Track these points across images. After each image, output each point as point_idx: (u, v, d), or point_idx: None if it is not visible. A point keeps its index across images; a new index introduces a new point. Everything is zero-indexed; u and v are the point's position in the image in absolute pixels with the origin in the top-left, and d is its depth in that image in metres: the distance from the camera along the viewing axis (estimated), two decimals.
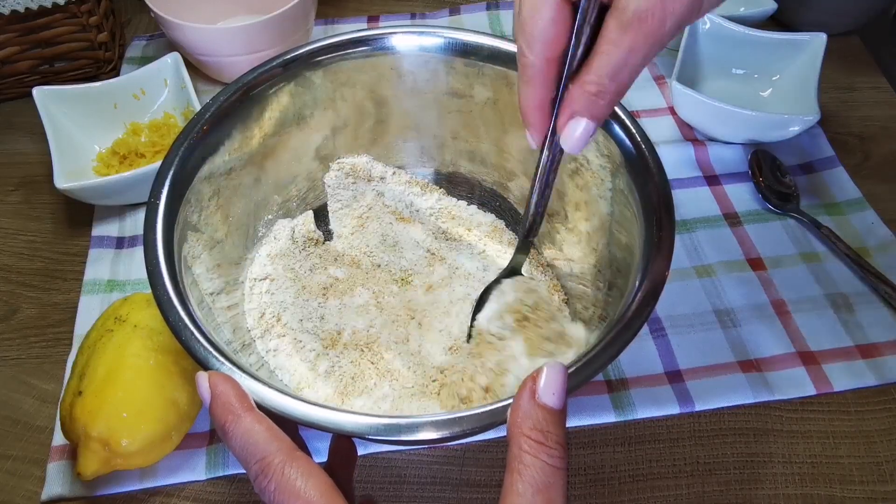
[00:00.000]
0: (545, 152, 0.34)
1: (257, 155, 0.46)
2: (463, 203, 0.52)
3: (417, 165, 0.53)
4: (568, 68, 0.29)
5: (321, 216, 0.51)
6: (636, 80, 0.29)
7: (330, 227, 0.51)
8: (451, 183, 0.53)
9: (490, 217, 0.52)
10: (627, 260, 0.39)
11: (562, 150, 0.33)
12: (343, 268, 0.47)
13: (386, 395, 0.40)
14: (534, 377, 0.27)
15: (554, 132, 0.32)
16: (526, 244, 0.42)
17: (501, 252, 0.49)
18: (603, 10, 0.28)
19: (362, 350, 0.42)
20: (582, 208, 0.46)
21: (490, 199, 0.52)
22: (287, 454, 0.27)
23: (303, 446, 0.33)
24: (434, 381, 0.41)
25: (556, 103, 0.31)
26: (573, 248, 0.47)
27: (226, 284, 0.42)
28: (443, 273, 0.47)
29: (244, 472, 0.29)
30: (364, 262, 0.48)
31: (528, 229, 0.39)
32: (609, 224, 0.43)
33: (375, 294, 0.46)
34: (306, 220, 0.50)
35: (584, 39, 0.28)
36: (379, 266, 0.48)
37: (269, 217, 0.48)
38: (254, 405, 0.30)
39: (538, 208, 0.37)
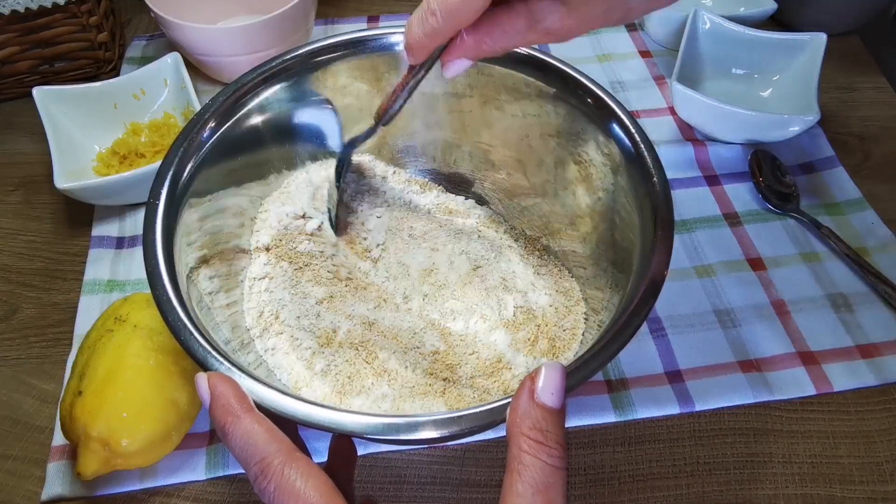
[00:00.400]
0: (419, 69, 0.38)
1: (257, 155, 0.46)
2: (461, 198, 0.52)
3: (418, 165, 0.53)
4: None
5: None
6: (635, 79, 0.30)
7: (331, 224, 0.51)
8: (452, 182, 0.53)
9: (489, 211, 0.52)
10: (627, 260, 0.39)
11: (428, 70, 0.37)
12: (342, 266, 0.47)
13: (385, 395, 0.40)
14: (532, 377, 0.27)
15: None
16: (373, 129, 0.42)
17: (498, 238, 0.50)
18: None
19: (357, 349, 0.42)
20: (582, 208, 0.46)
21: (488, 200, 0.52)
22: (287, 455, 0.27)
23: (302, 447, 0.33)
24: (433, 375, 0.41)
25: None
26: (573, 248, 0.47)
27: (224, 283, 0.42)
28: (441, 260, 0.47)
29: (244, 472, 0.29)
30: (362, 259, 0.48)
31: (385, 119, 0.40)
32: (609, 224, 0.43)
33: (372, 289, 0.46)
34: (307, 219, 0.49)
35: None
36: (376, 262, 0.48)
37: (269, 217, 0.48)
38: (253, 406, 0.30)
39: (398, 107, 0.40)
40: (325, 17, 0.77)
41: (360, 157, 0.51)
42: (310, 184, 0.49)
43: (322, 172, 0.50)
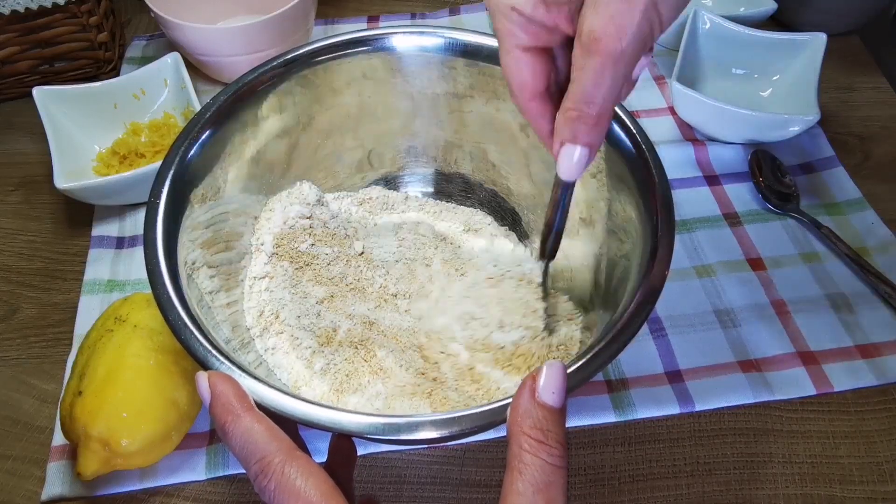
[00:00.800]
0: (556, 179, 0.34)
1: (257, 155, 0.46)
2: (462, 207, 0.52)
3: (418, 166, 0.53)
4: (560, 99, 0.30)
5: None
6: (636, 86, 0.29)
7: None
8: (452, 184, 0.53)
9: (489, 218, 0.52)
10: (627, 260, 0.39)
11: (566, 187, 0.34)
12: (340, 264, 0.47)
13: (378, 393, 0.40)
14: (533, 376, 0.27)
15: None
16: (544, 267, 0.42)
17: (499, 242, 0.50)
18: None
19: (356, 348, 0.42)
20: (582, 208, 0.46)
21: (490, 200, 0.52)
22: (287, 454, 0.28)
23: (303, 446, 0.33)
24: (424, 375, 0.41)
25: None
26: (573, 247, 0.47)
27: (225, 283, 0.42)
28: (438, 267, 0.47)
29: (244, 472, 0.29)
30: (361, 257, 0.48)
31: (548, 253, 0.39)
32: (609, 224, 0.43)
33: (370, 285, 0.46)
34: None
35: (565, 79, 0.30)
36: (375, 259, 0.48)
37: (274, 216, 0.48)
38: (253, 405, 0.30)
39: (557, 231, 0.38)
40: (325, 17, 0.77)
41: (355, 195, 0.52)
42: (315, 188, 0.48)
43: (322, 172, 0.50)
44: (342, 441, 0.37)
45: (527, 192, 0.50)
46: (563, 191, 0.35)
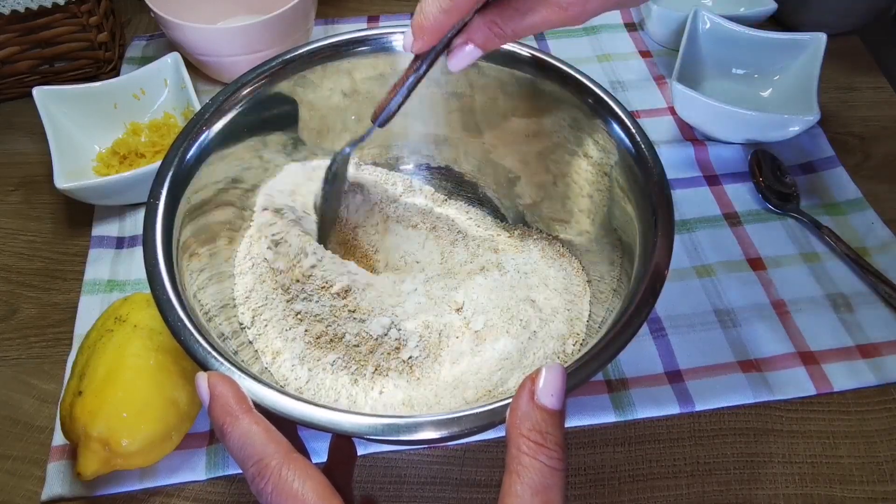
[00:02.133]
0: (422, 64, 0.36)
1: (257, 155, 0.46)
2: (461, 202, 0.52)
3: (417, 165, 0.53)
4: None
5: None
6: (635, 79, 0.30)
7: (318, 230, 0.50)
8: (451, 182, 0.53)
9: (488, 211, 0.52)
10: (627, 259, 0.39)
11: (431, 64, 0.36)
12: (336, 262, 0.47)
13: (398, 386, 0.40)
14: (533, 378, 0.27)
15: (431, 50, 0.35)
16: (370, 131, 0.42)
17: (496, 235, 0.50)
18: None
19: (347, 347, 0.42)
20: (582, 208, 0.46)
21: (491, 199, 0.52)
22: (284, 456, 0.27)
23: (301, 447, 0.33)
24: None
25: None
26: (572, 248, 0.47)
27: (225, 282, 0.42)
28: (434, 258, 0.47)
29: (244, 474, 0.29)
30: (358, 253, 0.48)
31: (383, 120, 0.40)
32: (609, 224, 0.43)
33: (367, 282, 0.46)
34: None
35: None
36: (373, 258, 0.48)
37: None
38: (252, 406, 0.30)
39: (397, 106, 0.39)
40: (325, 17, 0.77)
41: (358, 169, 0.51)
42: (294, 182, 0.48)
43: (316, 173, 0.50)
44: (342, 441, 0.37)
45: (527, 191, 0.50)
46: (418, 74, 0.37)
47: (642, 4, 0.50)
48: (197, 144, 0.41)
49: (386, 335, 0.42)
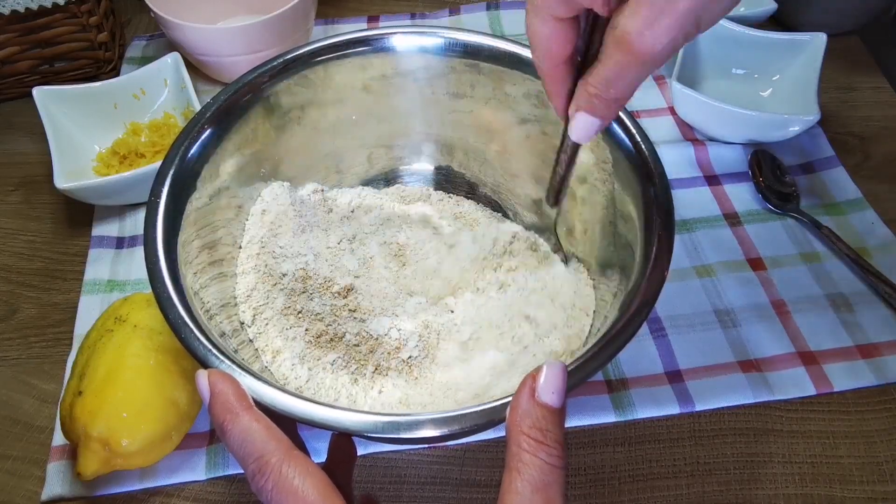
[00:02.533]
0: (563, 135, 0.36)
1: (257, 156, 0.46)
2: (461, 198, 0.52)
3: (418, 165, 0.53)
4: (581, 66, 0.31)
5: None
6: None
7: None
8: (452, 183, 0.53)
9: (488, 211, 0.52)
10: (627, 260, 0.39)
11: (571, 143, 0.35)
12: (338, 261, 0.47)
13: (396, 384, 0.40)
14: (534, 375, 0.27)
15: None
16: (549, 214, 0.43)
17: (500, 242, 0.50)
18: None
19: (347, 346, 0.42)
20: (581, 208, 0.46)
21: (491, 200, 0.52)
22: (285, 453, 0.27)
23: (301, 445, 0.33)
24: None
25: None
26: (573, 247, 0.47)
27: (224, 282, 0.42)
28: (439, 254, 0.47)
29: (244, 472, 0.29)
30: (359, 254, 0.48)
31: (554, 198, 0.40)
32: (609, 224, 0.43)
33: (368, 283, 0.46)
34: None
35: (587, 47, 0.31)
36: (373, 258, 0.48)
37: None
38: (252, 404, 0.30)
39: (561, 179, 0.39)
40: (325, 17, 0.77)
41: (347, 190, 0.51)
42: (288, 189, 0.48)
43: (321, 173, 0.50)
44: (342, 440, 0.37)
45: (528, 192, 0.50)
46: (572, 149, 0.36)
47: None
48: (198, 144, 0.41)
49: (386, 335, 0.42)
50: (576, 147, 0.36)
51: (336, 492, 0.27)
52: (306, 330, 0.42)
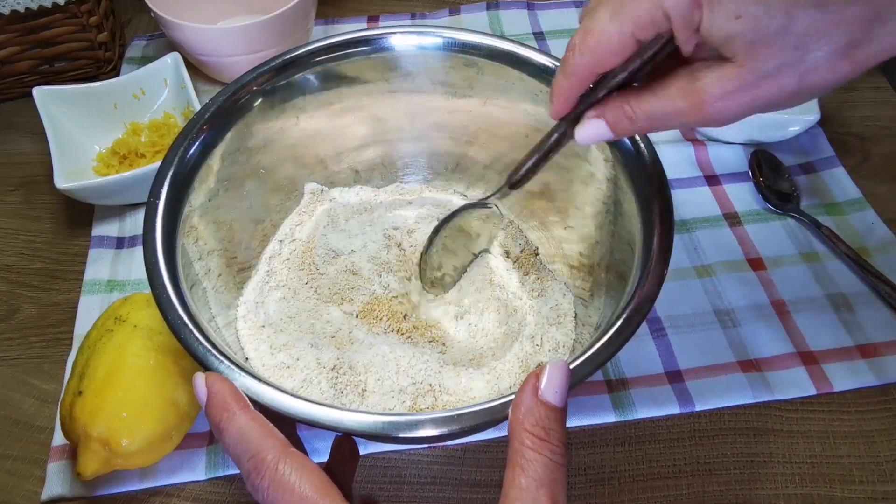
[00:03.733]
0: (554, 132, 0.35)
1: (257, 156, 0.46)
2: (458, 195, 0.52)
3: (417, 165, 0.53)
4: (616, 78, 0.30)
5: None
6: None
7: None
8: (451, 183, 0.53)
9: (487, 210, 0.51)
10: (627, 259, 0.39)
11: (569, 135, 0.34)
12: (336, 265, 0.47)
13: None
14: (537, 374, 0.27)
15: (566, 117, 0.33)
16: (504, 192, 0.41)
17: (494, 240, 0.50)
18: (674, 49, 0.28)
19: (349, 365, 0.41)
20: (581, 208, 0.46)
21: (489, 199, 0.52)
22: (281, 451, 0.27)
23: (299, 445, 0.33)
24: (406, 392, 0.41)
25: (582, 97, 0.32)
26: (572, 247, 0.47)
27: (224, 281, 0.42)
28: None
29: (240, 471, 0.29)
30: (361, 261, 0.48)
31: (513, 182, 0.38)
32: (608, 224, 0.43)
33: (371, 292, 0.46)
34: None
35: (637, 71, 0.29)
36: (373, 259, 0.47)
37: (269, 216, 0.48)
38: (249, 404, 0.30)
39: (529, 173, 0.38)
40: (325, 17, 0.77)
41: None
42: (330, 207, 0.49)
43: (321, 173, 0.50)
44: (344, 439, 0.37)
45: (527, 188, 0.50)
46: (550, 141, 0.35)
47: None
48: (198, 144, 0.41)
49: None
50: (560, 143, 0.35)
51: (334, 488, 0.27)
52: (298, 335, 0.42)
